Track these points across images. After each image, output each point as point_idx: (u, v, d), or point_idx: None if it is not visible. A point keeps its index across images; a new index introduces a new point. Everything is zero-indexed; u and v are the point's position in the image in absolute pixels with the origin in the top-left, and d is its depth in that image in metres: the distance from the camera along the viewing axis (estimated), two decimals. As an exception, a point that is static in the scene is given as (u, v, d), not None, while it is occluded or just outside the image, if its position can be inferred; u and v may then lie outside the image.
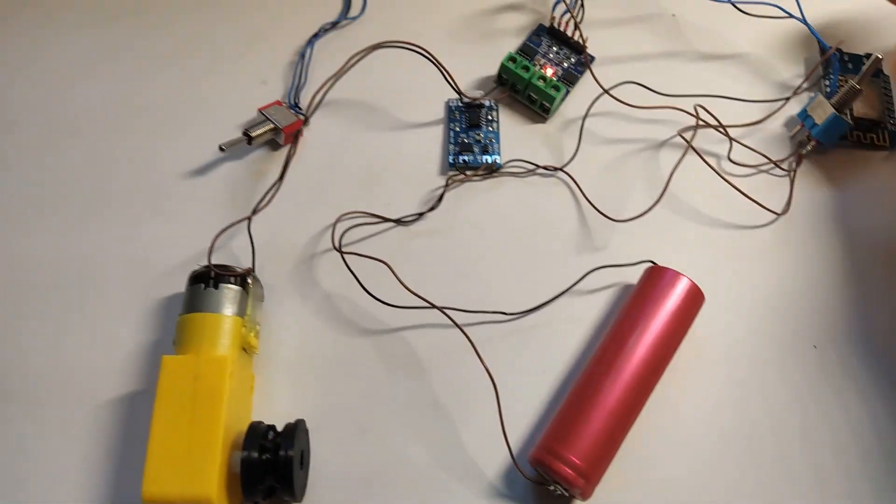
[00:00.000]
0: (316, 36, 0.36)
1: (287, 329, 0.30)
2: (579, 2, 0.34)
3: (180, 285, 0.30)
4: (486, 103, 0.34)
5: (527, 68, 0.32)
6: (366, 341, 0.30)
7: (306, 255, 0.31)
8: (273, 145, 0.33)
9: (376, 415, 0.28)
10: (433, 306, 0.28)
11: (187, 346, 0.27)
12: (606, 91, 0.32)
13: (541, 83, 0.32)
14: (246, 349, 0.28)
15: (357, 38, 0.36)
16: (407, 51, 0.31)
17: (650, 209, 0.31)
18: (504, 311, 0.30)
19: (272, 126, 0.32)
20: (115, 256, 0.31)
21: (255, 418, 0.28)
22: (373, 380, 0.29)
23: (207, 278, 0.28)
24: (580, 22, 0.33)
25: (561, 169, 0.32)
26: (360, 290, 0.29)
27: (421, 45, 0.30)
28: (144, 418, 0.28)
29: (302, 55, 0.35)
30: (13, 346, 0.29)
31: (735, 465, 0.27)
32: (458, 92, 0.32)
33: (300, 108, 0.34)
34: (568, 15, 0.33)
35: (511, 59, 0.33)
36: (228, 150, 0.31)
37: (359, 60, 0.30)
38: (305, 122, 0.30)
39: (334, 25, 0.36)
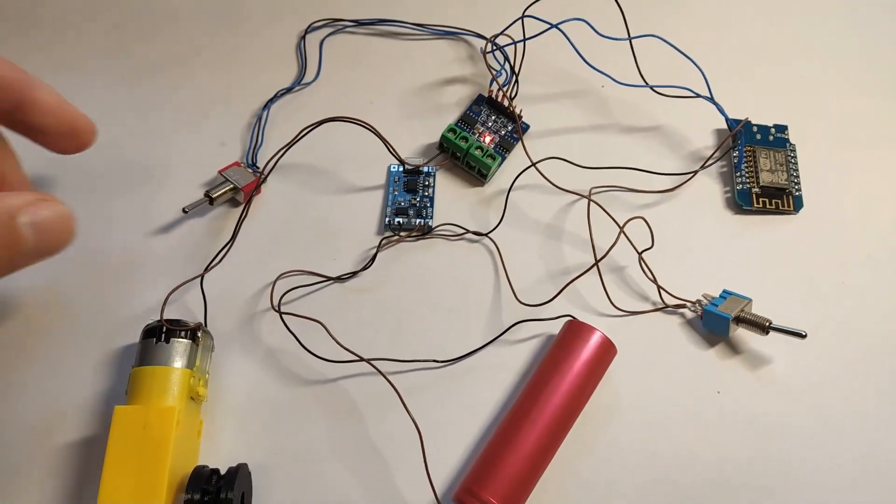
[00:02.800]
0: (272, 100, 0.39)
1: (234, 377, 0.32)
2: (514, 78, 0.37)
3: (135, 336, 0.33)
4: (425, 169, 0.37)
5: (465, 139, 0.36)
6: (306, 391, 0.32)
7: (251, 311, 0.34)
8: (233, 202, 0.36)
9: (316, 458, 0.31)
10: (362, 359, 0.31)
11: (138, 397, 0.29)
12: (533, 164, 0.35)
13: (478, 153, 0.35)
14: (194, 398, 0.30)
15: (311, 103, 0.39)
16: (349, 122, 0.34)
17: (556, 295, 0.34)
18: (436, 358, 0.32)
19: (232, 186, 0.35)
20: (80, 305, 0.34)
21: (202, 461, 0.30)
22: (313, 426, 0.31)
23: (160, 332, 0.30)
24: (514, 97, 0.37)
25: (486, 235, 0.35)
26: (297, 344, 0.32)
27: (365, 120, 0.33)
28: (100, 461, 0.30)
29: (259, 118, 0.38)
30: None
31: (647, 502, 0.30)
32: (399, 159, 0.35)
33: (258, 168, 0.37)
34: (506, 88, 0.37)
35: (451, 130, 0.36)
36: (191, 211, 0.34)
37: (310, 131, 0.33)
38: (263, 180, 0.33)
39: (289, 90, 0.39)
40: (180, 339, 0.30)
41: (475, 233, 0.35)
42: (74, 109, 0.31)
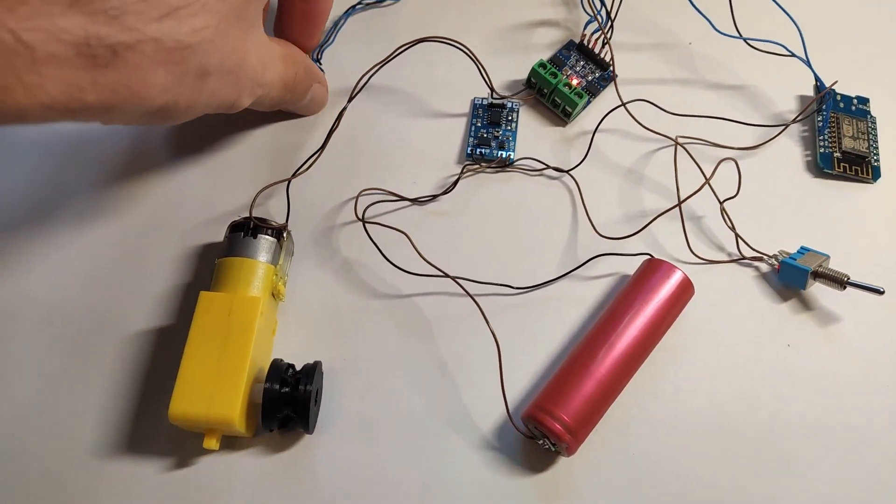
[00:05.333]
0: (354, 7, 0.39)
1: (310, 284, 0.33)
2: (610, 23, 0.37)
3: (215, 236, 0.34)
4: (509, 104, 0.37)
5: (555, 75, 0.36)
6: (379, 303, 0.33)
7: (332, 221, 0.34)
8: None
9: (384, 368, 0.31)
10: (446, 275, 0.31)
11: (223, 286, 0.30)
12: (623, 104, 0.35)
13: (566, 89, 0.35)
14: (274, 295, 0.31)
15: (393, 22, 0.39)
16: (441, 45, 0.34)
17: (637, 232, 0.34)
18: (511, 284, 0.32)
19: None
20: (161, 200, 0.34)
21: (275, 355, 0.30)
22: (383, 337, 0.32)
23: (247, 228, 0.31)
24: (606, 42, 0.37)
25: (567, 172, 0.35)
26: (378, 256, 0.32)
27: (463, 44, 0.33)
28: (172, 349, 0.31)
29: (336, 23, 0.39)
30: (56, 276, 0.32)
31: (707, 444, 0.30)
32: (491, 88, 0.35)
33: (320, 63, 0.38)
34: (598, 34, 0.37)
35: (542, 65, 0.36)
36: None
37: (407, 49, 0.33)
38: (353, 97, 0.33)
39: (375, 4, 0.40)
40: (266, 236, 0.31)
41: (556, 168, 0.35)
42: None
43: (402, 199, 0.34)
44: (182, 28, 0.24)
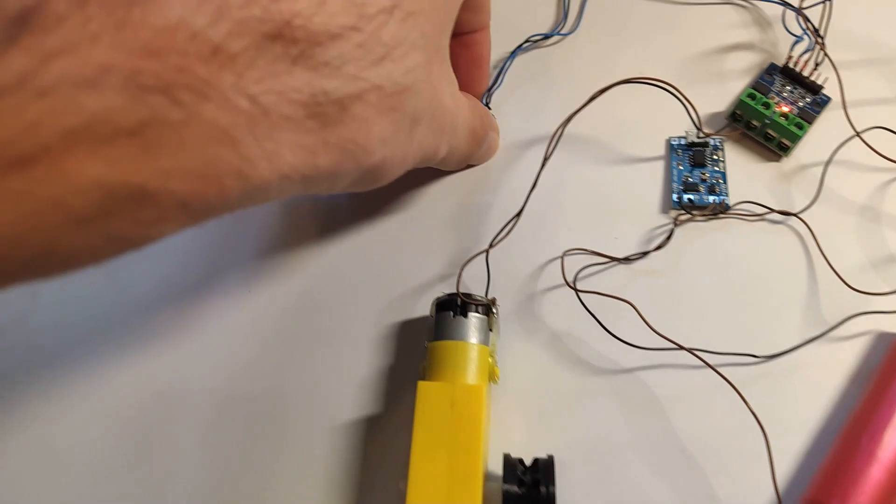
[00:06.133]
0: (519, 47, 0.36)
1: (517, 360, 0.30)
2: (820, 41, 0.33)
3: (410, 311, 0.31)
4: (712, 142, 0.33)
5: (767, 105, 0.32)
6: (600, 380, 0.29)
7: (532, 287, 0.31)
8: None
9: (617, 455, 0.28)
10: (681, 347, 0.28)
11: (439, 374, 0.27)
12: (858, 134, 0.30)
13: (782, 120, 0.31)
14: (490, 378, 0.28)
15: (564, 60, 0.36)
16: (624, 84, 0.30)
17: None
18: (753, 353, 0.28)
19: None
20: (351, 282, 0.32)
21: (494, 448, 0.28)
22: (610, 419, 0.28)
23: (455, 306, 0.28)
24: (820, 62, 0.33)
25: (796, 215, 0.31)
26: (590, 326, 0.29)
27: (667, 81, 0.30)
28: (381, 441, 0.29)
29: (502, 65, 0.36)
30: (266, 368, 0.31)
31: None
32: (699, 127, 0.32)
33: (490, 107, 0.35)
34: (808, 54, 0.33)
35: (750, 95, 0.32)
36: None
37: (603, 92, 0.30)
38: (551, 153, 0.30)
39: (546, 37, 0.37)
40: (476, 314, 0.28)
41: (781, 212, 0.31)
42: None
43: (612, 259, 0.31)
44: (398, 69, 0.22)
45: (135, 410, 0.30)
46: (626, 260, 0.31)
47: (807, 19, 0.33)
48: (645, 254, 0.31)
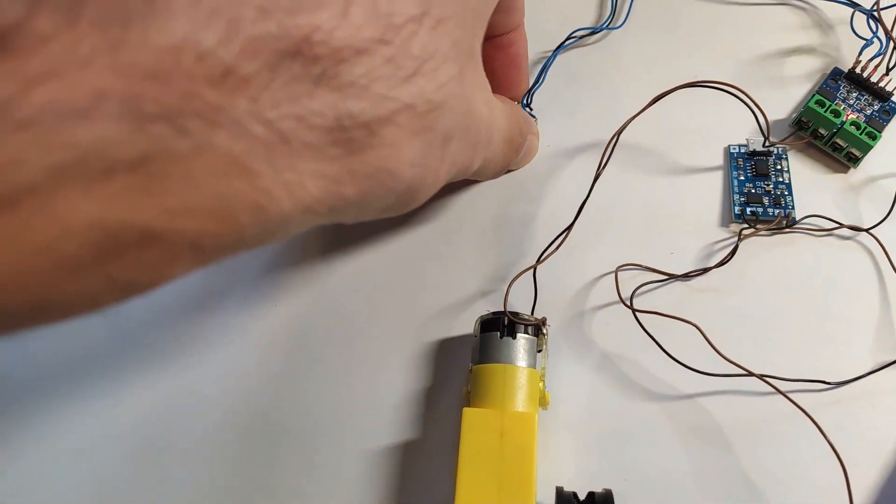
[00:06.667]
0: (562, 45, 0.34)
1: (568, 385, 0.28)
2: (893, 44, 0.30)
3: (448, 330, 0.29)
4: (776, 151, 0.31)
5: (836, 113, 0.29)
6: (656, 406, 0.27)
7: (581, 305, 0.29)
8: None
9: (679, 488, 0.25)
10: (751, 374, 0.25)
11: (486, 400, 0.25)
12: (942, 142, 0.28)
13: (853, 129, 0.29)
14: (541, 404, 0.26)
15: (611, 58, 0.34)
16: (682, 89, 0.28)
17: None
18: (825, 379, 0.26)
19: None
20: (385, 301, 0.30)
21: (543, 479, 0.25)
22: (669, 449, 0.26)
23: (501, 326, 0.26)
24: (892, 68, 0.30)
25: (867, 231, 0.29)
26: (645, 347, 0.27)
27: (736, 86, 0.28)
28: (418, 469, 0.27)
29: (545, 63, 0.34)
30: (292, 389, 0.29)
31: None
32: (765, 135, 0.29)
33: (531, 110, 0.33)
34: (878, 59, 0.30)
35: (819, 102, 0.30)
36: None
37: (663, 97, 0.27)
38: (605, 162, 0.28)
39: (593, 31, 0.35)
40: (525, 335, 0.26)
41: (851, 227, 0.29)
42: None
43: (669, 276, 0.29)
44: (431, 85, 0.19)
45: (153, 429, 0.28)
46: (685, 276, 0.29)
47: (880, 21, 0.31)
48: (706, 270, 0.29)
